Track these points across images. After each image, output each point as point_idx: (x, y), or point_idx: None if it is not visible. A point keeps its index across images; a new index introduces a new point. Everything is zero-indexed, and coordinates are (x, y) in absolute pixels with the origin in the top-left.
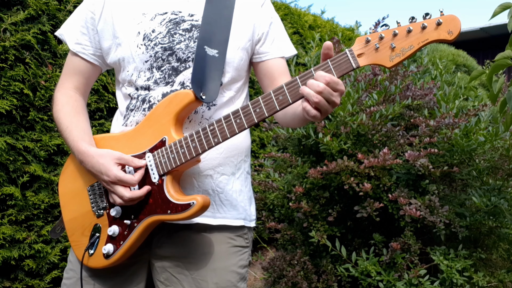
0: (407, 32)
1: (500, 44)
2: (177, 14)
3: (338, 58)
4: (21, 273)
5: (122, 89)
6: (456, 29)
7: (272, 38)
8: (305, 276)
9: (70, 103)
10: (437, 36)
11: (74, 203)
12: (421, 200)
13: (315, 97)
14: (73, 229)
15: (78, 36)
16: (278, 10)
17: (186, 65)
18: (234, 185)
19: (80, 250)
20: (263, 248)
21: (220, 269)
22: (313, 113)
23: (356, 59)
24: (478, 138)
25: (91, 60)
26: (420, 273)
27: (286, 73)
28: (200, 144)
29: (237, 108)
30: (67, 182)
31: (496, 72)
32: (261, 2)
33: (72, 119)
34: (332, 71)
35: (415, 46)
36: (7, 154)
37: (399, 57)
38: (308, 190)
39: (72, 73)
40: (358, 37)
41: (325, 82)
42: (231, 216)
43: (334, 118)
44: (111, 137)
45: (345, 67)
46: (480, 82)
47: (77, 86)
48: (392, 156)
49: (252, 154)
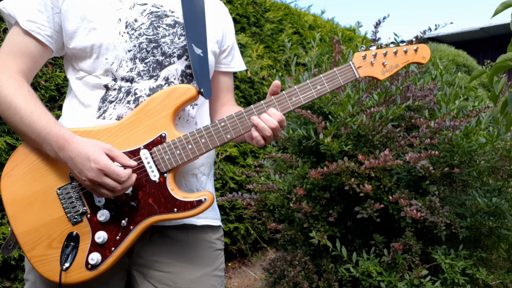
0: (394, 53)
1: (500, 44)
2: (158, 8)
3: (343, 68)
4: (21, 273)
5: (87, 78)
6: (427, 55)
7: (234, 53)
8: (306, 276)
9: (25, 88)
10: (415, 59)
11: (32, 211)
12: (421, 201)
13: (268, 132)
14: (32, 242)
15: (33, 14)
16: (278, 10)
17: (171, 60)
18: (209, 185)
19: (48, 266)
20: (263, 248)
21: (205, 275)
22: (262, 143)
23: (357, 70)
24: (478, 139)
25: (46, 42)
26: (422, 274)
27: (232, 90)
28: (211, 140)
29: (250, 106)
30: (17, 187)
31: (497, 74)
32: (226, 11)
33: (36, 104)
34: (339, 78)
35: (399, 64)
36: (7, 154)
37: (389, 72)
38: (309, 190)
39: (18, 54)
40: (355, 53)
41: (278, 120)
42: (211, 217)
43: (334, 119)
44: (85, 132)
45: (349, 76)
46: (480, 82)
47: (23, 70)
48: (392, 157)
49: (252, 154)
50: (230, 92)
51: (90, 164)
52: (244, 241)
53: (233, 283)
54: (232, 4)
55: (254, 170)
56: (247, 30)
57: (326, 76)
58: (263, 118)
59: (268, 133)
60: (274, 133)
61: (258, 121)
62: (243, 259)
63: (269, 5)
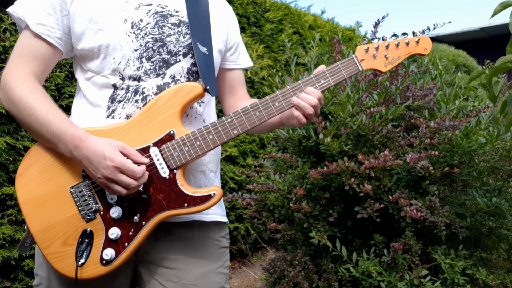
0: (396, 45)
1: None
2: (163, 8)
3: (346, 61)
4: (21, 273)
5: (95, 78)
6: (429, 47)
7: (240, 50)
8: (306, 276)
9: (40, 89)
10: (417, 50)
11: (47, 210)
12: (421, 200)
13: (310, 110)
14: (48, 239)
15: (42, 17)
16: (278, 10)
17: (177, 59)
18: (217, 182)
19: (64, 263)
20: (263, 248)
21: (210, 272)
22: (304, 121)
23: (360, 63)
24: (478, 139)
25: (56, 44)
26: (422, 274)
27: (245, 84)
28: (218, 136)
29: (255, 102)
30: (32, 186)
31: (496, 75)
32: (230, 9)
33: (51, 105)
34: (342, 71)
35: (402, 56)
36: (7, 154)
37: (391, 64)
38: (309, 190)
39: (30, 56)
40: (358, 46)
41: (317, 98)
42: (219, 213)
43: (334, 119)
44: (96, 132)
45: (353, 69)
46: (480, 82)
47: (35, 72)
48: (392, 157)
49: (252, 154)
50: (243, 86)
51: (105, 162)
52: (244, 241)
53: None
54: (232, 4)
55: (254, 170)
56: (247, 30)
57: (329, 70)
58: (302, 97)
59: (310, 111)
60: (315, 111)
61: (298, 101)
62: (243, 259)
63: (269, 5)
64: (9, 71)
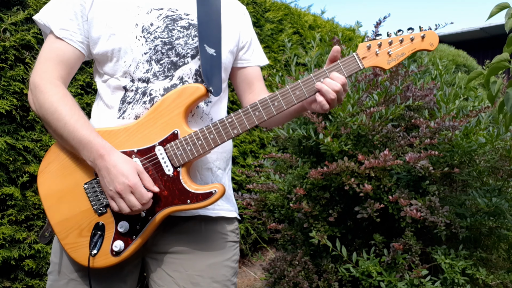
0: (400, 42)
1: (500, 44)
2: (174, 12)
3: (347, 60)
4: (21, 273)
5: (110, 81)
6: (435, 42)
7: (253, 48)
8: (306, 276)
9: (69, 96)
10: (422, 46)
11: (64, 203)
12: (421, 200)
13: (332, 95)
14: (65, 231)
15: (65, 22)
16: (278, 10)
17: (185, 61)
18: (225, 179)
19: (79, 252)
20: (263, 248)
21: (216, 264)
22: (327, 107)
23: (361, 61)
24: (478, 139)
25: (78, 47)
26: (422, 274)
27: (262, 79)
28: (219, 135)
29: (255, 102)
30: (51, 182)
31: (493, 75)
32: (243, 10)
33: (80, 113)
34: (343, 70)
35: (406, 53)
36: (7, 154)
37: (395, 62)
38: (309, 190)
39: (57, 60)
40: (360, 43)
41: (341, 83)
42: (226, 209)
43: (334, 119)
44: (107, 132)
45: (353, 68)
46: (480, 82)
47: (62, 76)
48: (392, 157)
49: (252, 154)
50: (260, 82)
51: (122, 178)
52: (244, 241)
53: None
54: None
55: (254, 170)
56: None
57: (329, 68)
58: (326, 82)
59: (332, 95)
60: (338, 97)
61: (321, 85)
62: (243, 259)
63: (269, 5)
64: (37, 74)
